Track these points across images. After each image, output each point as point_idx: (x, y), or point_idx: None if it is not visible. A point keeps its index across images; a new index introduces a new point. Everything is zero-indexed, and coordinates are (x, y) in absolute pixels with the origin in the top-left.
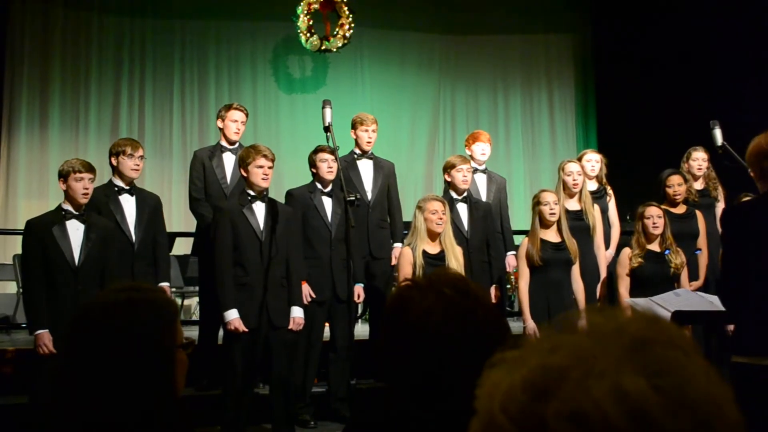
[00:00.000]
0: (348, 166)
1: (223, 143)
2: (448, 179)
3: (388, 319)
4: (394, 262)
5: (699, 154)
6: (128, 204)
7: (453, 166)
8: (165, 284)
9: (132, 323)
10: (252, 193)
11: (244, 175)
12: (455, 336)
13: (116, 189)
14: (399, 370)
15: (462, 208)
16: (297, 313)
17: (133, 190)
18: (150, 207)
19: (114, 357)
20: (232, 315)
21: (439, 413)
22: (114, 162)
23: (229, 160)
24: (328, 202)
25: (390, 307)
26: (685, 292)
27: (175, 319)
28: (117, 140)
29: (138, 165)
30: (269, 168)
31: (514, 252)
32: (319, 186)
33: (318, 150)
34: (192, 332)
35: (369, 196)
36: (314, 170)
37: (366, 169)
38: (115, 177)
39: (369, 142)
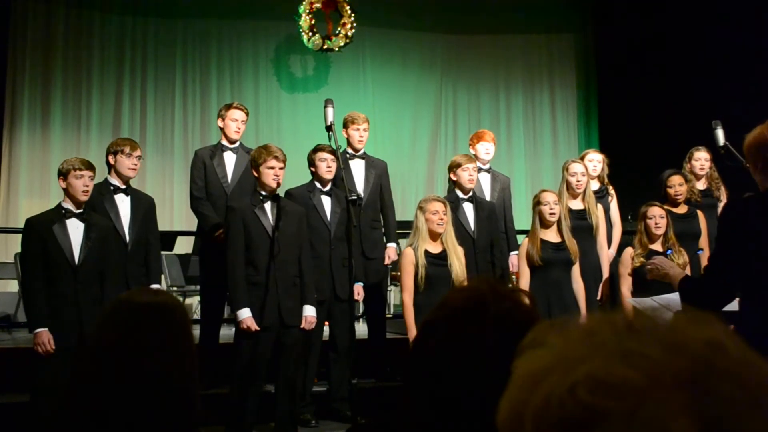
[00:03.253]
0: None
1: (224, 142)
2: (454, 178)
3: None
4: (387, 262)
5: (701, 154)
6: (123, 204)
7: (459, 165)
8: (155, 286)
9: (159, 325)
10: (263, 193)
11: (255, 175)
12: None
13: (112, 188)
14: (433, 378)
15: (468, 208)
16: (309, 311)
17: (128, 190)
18: (144, 208)
19: (138, 356)
20: (245, 314)
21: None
22: (111, 160)
23: (229, 159)
24: (327, 202)
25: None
26: None
27: (189, 322)
28: (116, 139)
29: (135, 165)
30: (280, 169)
31: (517, 252)
32: (318, 185)
33: (317, 149)
34: (193, 331)
35: (361, 195)
36: (313, 169)
37: (358, 168)
38: (111, 175)
39: (361, 141)
